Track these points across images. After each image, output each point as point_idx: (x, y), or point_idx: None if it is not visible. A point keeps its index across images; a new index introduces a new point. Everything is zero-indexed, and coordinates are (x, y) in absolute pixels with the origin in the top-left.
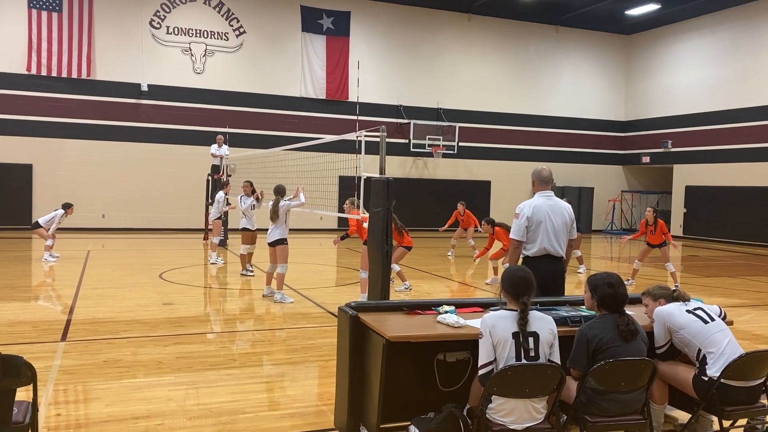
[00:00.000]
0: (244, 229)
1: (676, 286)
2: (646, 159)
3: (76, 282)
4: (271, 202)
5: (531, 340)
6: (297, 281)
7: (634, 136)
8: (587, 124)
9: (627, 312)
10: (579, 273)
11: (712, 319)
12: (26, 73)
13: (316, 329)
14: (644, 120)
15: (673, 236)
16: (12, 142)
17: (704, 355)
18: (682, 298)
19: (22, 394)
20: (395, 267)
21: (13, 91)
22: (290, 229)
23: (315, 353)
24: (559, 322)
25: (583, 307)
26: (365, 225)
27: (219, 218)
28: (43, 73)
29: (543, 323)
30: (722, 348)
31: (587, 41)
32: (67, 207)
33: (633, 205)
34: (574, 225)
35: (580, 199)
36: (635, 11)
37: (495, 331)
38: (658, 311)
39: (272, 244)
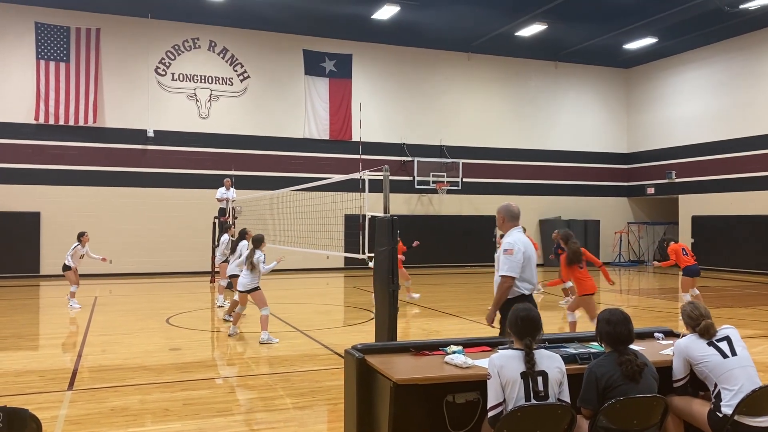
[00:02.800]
0: (234, 276)
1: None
2: (650, 190)
3: (84, 329)
4: (244, 248)
5: (540, 379)
6: (304, 322)
7: (637, 167)
8: (590, 157)
9: (633, 348)
10: (561, 305)
11: (734, 353)
12: (34, 122)
13: (323, 371)
14: (647, 151)
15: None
16: (20, 191)
17: (719, 390)
18: (707, 332)
19: None
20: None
21: (21, 140)
22: (296, 269)
23: (323, 396)
24: (568, 359)
25: (594, 343)
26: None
27: (225, 261)
28: (51, 121)
29: (551, 362)
30: (741, 384)
31: (587, 76)
32: (80, 236)
33: (640, 236)
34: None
35: (586, 231)
36: (633, 45)
37: (503, 371)
38: (678, 344)
39: (246, 292)
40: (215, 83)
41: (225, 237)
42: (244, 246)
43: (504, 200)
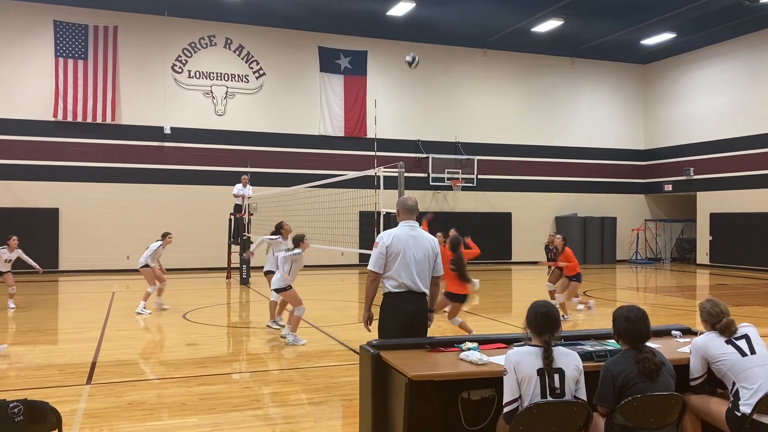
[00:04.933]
0: (269, 273)
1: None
2: (668, 187)
3: (102, 324)
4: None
5: (556, 376)
6: (319, 318)
7: (655, 164)
8: (607, 153)
9: (650, 345)
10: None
11: (753, 352)
12: (53, 119)
13: (338, 367)
14: (665, 148)
15: (700, 264)
16: (39, 187)
17: (738, 389)
18: (727, 329)
19: None
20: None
21: (40, 137)
22: (312, 266)
23: (338, 392)
24: (585, 357)
25: (610, 340)
26: None
27: (146, 266)
28: (69, 119)
29: (569, 359)
30: (759, 383)
31: (604, 72)
32: (164, 236)
33: (657, 233)
34: (439, 259)
35: (603, 229)
36: (651, 41)
37: (519, 367)
38: (695, 342)
39: (277, 290)
40: (231, 80)
41: (156, 243)
42: (156, 246)
43: (519, 197)
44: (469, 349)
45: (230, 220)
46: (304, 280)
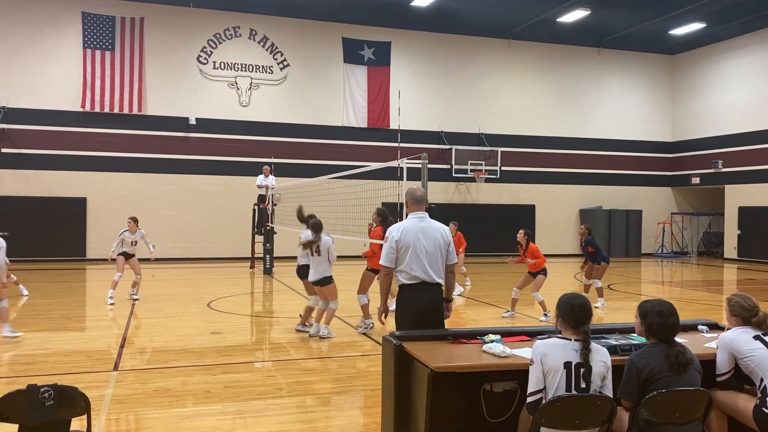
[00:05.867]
0: (305, 267)
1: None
2: (695, 180)
3: (128, 312)
4: (307, 235)
5: (583, 371)
6: (341, 310)
7: (682, 157)
8: (633, 145)
9: (678, 341)
10: (596, 307)
11: None
12: (81, 110)
13: (360, 358)
14: (692, 140)
15: (727, 258)
16: (67, 177)
17: (766, 385)
18: (764, 323)
19: (77, 423)
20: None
21: (68, 127)
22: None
23: (360, 382)
24: (609, 350)
25: (634, 334)
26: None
27: (121, 254)
28: (97, 109)
29: (597, 355)
30: None
31: (631, 62)
32: (129, 221)
33: (684, 227)
34: (452, 248)
35: (629, 222)
36: (680, 31)
37: (546, 359)
38: (723, 337)
39: (316, 283)
40: (255, 71)
41: (124, 232)
42: (126, 235)
43: (543, 189)
44: (492, 341)
45: (254, 210)
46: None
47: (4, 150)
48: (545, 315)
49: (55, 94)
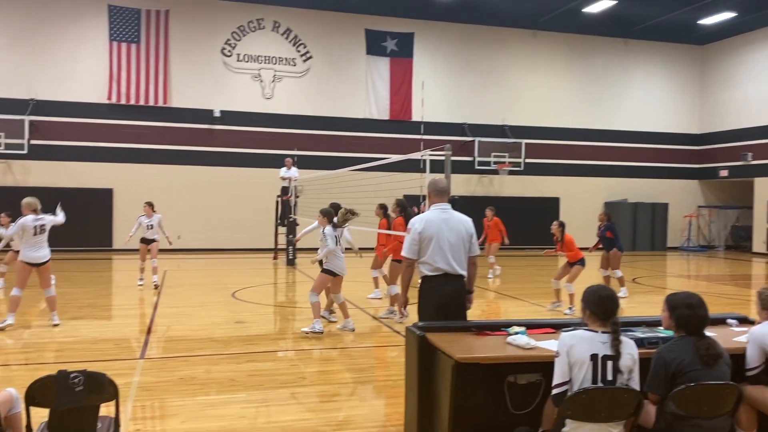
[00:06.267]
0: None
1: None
2: (724, 173)
3: (154, 301)
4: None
5: (610, 363)
6: (363, 300)
7: (710, 149)
8: (660, 137)
9: (708, 334)
10: (620, 297)
11: None
12: (107, 102)
13: (383, 348)
14: (721, 132)
15: (756, 253)
16: (94, 168)
17: None
18: None
19: (105, 409)
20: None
21: (95, 119)
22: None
23: (383, 373)
24: (635, 343)
25: (661, 327)
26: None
27: (142, 240)
28: (123, 101)
29: (624, 347)
30: None
31: (658, 53)
32: (145, 205)
33: (711, 220)
34: (474, 239)
35: (654, 215)
36: (709, 20)
37: (573, 351)
38: (753, 331)
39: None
40: (279, 64)
41: (141, 218)
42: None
43: (568, 182)
44: (516, 333)
45: (277, 202)
46: (347, 262)
47: (33, 141)
48: (570, 309)
49: (83, 87)
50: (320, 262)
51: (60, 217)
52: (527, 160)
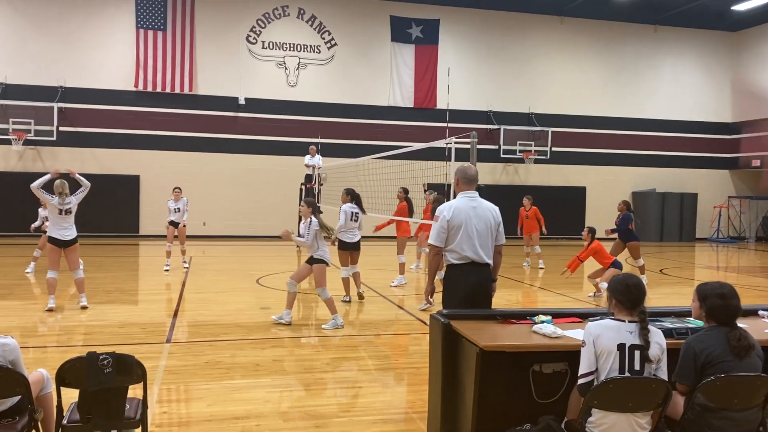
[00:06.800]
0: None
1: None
2: (756, 162)
3: (180, 286)
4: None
5: (637, 353)
6: (386, 288)
7: (741, 138)
8: (689, 126)
9: (740, 325)
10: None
11: None
12: (134, 89)
13: (405, 336)
14: (753, 121)
15: None
16: (121, 155)
17: None
18: None
19: (133, 391)
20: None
21: (122, 106)
22: (378, 236)
23: (405, 360)
24: (664, 334)
25: (690, 318)
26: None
27: (170, 223)
28: (149, 89)
29: (652, 336)
30: None
31: (688, 40)
32: (175, 189)
33: (741, 211)
34: (501, 228)
35: (683, 205)
36: (742, 6)
37: (599, 341)
38: None
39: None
40: (303, 51)
41: (173, 201)
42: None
43: (595, 171)
44: (542, 321)
45: (301, 189)
46: (371, 250)
47: (61, 128)
48: (595, 294)
49: (110, 74)
50: (311, 258)
51: (81, 191)
52: (553, 149)
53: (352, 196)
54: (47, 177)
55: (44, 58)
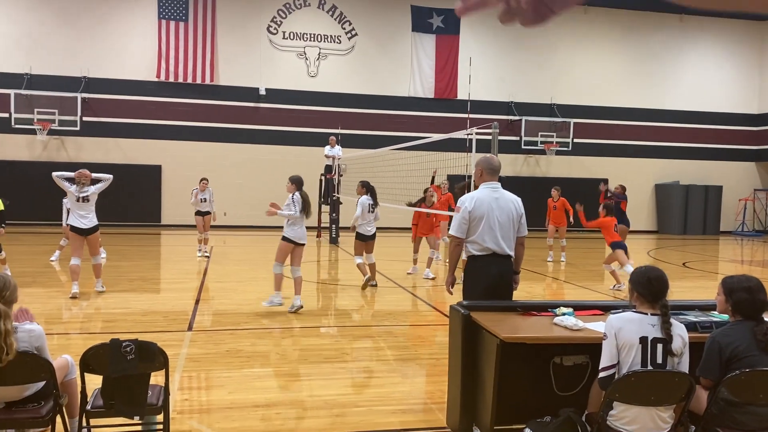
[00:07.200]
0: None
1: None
2: None
3: (201, 275)
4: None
5: (659, 346)
6: (407, 279)
7: None
8: (715, 118)
9: (766, 319)
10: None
11: None
12: (156, 80)
13: (426, 327)
14: None
15: None
16: (143, 145)
17: None
18: None
19: (155, 378)
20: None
21: (144, 97)
22: (397, 227)
23: (425, 351)
24: (688, 327)
25: (715, 311)
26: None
27: (197, 213)
28: (171, 79)
29: (674, 329)
30: None
31: (715, 30)
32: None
33: (767, 204)
34: (524, 220)
35: (707, 198)
36: None
37: (621, 334)
38: None
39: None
40: (324, 41)
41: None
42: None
43: (617, 163)
44: (563, 314)
45: (320, 180)
46: (390, 241)
47: (85, 118)
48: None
49: (132, 65)
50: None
51: (103, 183)
52: (575, 140)
53: (367, 188)
54: (71, 174)
55: (68, 48)
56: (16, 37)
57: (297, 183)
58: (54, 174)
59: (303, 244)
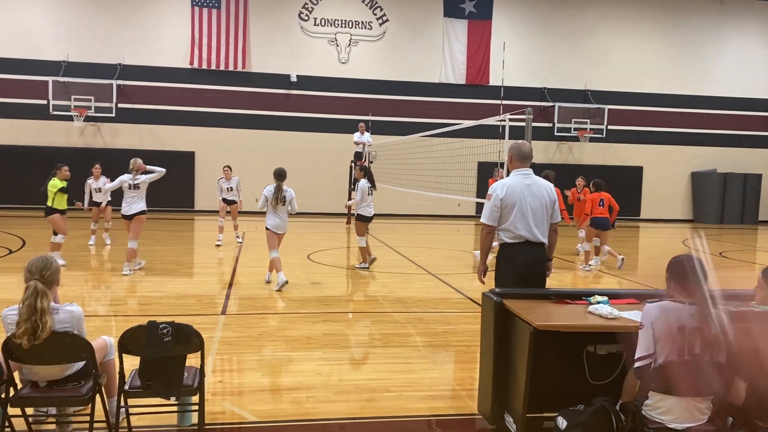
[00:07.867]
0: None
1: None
2: None
3: (234, 261)
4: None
5: (698, 336)
6: (435, 267)
7: None
8: (754, 104)
9: None
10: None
11: None
12: (189, 67)
13: (455, 314)
14: None
15: None
16: (177, 131)
17: None
18: None
19: (189, 360)
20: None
21: (178, 84)
22: (428, 215)
23: (455, 338)
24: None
25: (754, 302)
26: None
27: (224, 200)
28: (204, 66)
29: (713, 320)
30: None
31: (756, 12)
32: (225, 168)
33: None
34: (557, 206)
35: (746, 186)
36: None
37: (657, 323)
38: None
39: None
40: (355, 28)
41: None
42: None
43: (652, 150)
44: (598, 302)
45: (351, 167)
46: (420, 228)
47: (120, 105)
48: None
49: (167, 52)
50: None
51: (156, 174)
52: (610, 127)
53: (365, 172)
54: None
55: (104, 36)
56: (54, 25)
57: (275, 175)
58: (112, 185)
59: (279, 234)
